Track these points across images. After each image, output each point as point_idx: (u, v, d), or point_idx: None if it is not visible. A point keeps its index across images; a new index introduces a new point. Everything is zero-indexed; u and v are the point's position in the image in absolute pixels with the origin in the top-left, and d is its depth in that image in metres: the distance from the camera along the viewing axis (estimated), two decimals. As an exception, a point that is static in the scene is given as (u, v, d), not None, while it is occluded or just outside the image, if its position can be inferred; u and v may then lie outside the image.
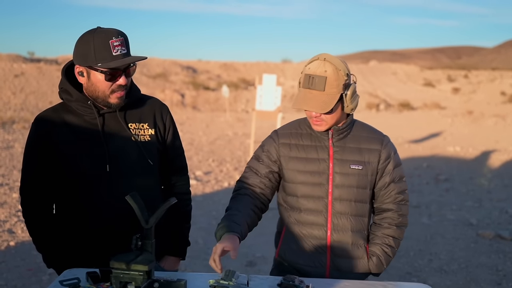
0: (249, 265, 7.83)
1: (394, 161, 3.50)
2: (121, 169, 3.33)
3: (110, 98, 3.25)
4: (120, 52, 3.19)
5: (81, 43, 3.21)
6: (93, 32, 3.20)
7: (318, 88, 3.23)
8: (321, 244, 3.41)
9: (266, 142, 3.56)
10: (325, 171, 3.38)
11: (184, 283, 2.78)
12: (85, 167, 3.28)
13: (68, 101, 3.33)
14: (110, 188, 3.23)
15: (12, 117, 27.49)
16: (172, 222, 3.65)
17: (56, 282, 2.88)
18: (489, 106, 44.47)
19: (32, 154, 3.36)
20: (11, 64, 40.18)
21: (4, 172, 13.96)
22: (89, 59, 3.17)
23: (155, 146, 3.48)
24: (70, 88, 3.31)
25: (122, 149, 3.34)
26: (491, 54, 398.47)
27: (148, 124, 3.47)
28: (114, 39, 3.16)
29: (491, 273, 7.92)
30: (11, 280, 7.15)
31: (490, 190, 13.89)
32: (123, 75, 3.24)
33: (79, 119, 3.32)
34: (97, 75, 3.20)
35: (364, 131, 3.51)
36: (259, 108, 15.51)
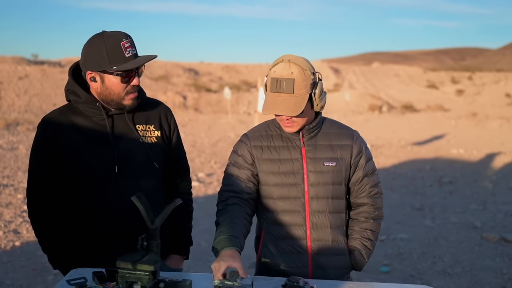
0: (252, 267, 7.83)
1: (365, 156, 3.50)
2: (129, 170, 3.35)
3: (125, 100, 3.28)
4: (132, 53, 3.22)
5: (91, 48, 3.23)
6: (102, 36, 3.22)
7: (287, 91, 3.22)
8: (301, 244, 3.40)
9: (238, 146, 3.52)
10: (299, 171, 3.36)
11: (190, 283, 2.80)
12: (93, 168, 3.30)
13: (76, 103, 3.34)
14: (118, 189, 3.24)
15: (17, 119, 27.57)
16: (175, 222, 3.65)
17: (63, 282, 2.90)
18: (494, 108, 44.40)
19: (39, 156, 3.37)
20: (15, 67, 40.31)
21: (9, 173, 14.01)
22: (102, 64, 3.18)
23: (161, 148, 3.51)
24: (79, 89, 3.31)
25: (130, 151, 3.37)
26: (495, 56, 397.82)
27: (154, 126, 3.50)
28: (124, 41, 3.19)
29: (496, 276, 7.91)
30: (17, 280, 7.18)
31: (495, 192, 13.86)
32: (136, 75, 3.28)
33: (87, 120, 3.34)
34: (111, 78, 3.22)
35: (334, 128, 3.51)
36: (261, 110, 15.51)
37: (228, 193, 3.42)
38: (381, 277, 7.59)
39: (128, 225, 3.35)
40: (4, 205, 10.92)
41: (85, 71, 3.28)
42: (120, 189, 3.25)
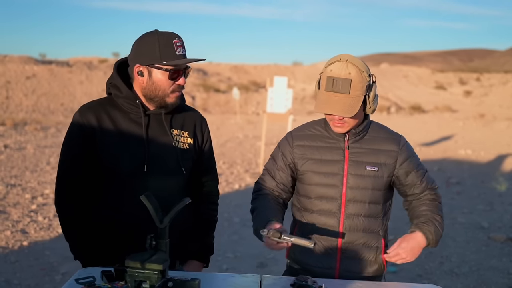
0: (260, 266, 7.85)
1: (415, 160, 3.50)
2: (157, 171, 3.38)
3: (169, 97, 3.33)
4: (182, 53, 3.29)
5: (144, 43, 3.30)
6: (155, 33, 3.29)
7: (343, 91, 3.20)
8: (332, 245, 3.41)
9: (282, 144, 3.57)
10: (339, 173, 3.36)
11: (198, 282, 2.80)
12: (123, 163, 3.34)
13: (116, 97, 3.40)
14: (145, 188, 3.24)
15: (24, 119, 27.59)
16: (199, 229, 3.72)
17: (72, 281, 2.91)
18: (501, 109, 44.28)
19: (73, 142, 3.40)
20: (22, 66, 40.32)
21: (17, 173, 14.04)
22: (153, 58, 3.24)
23: (191, 155, 3.54)
24: (121, 84, 3.37)
25: (161, 152, 3.40)
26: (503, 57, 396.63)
27: (188, 133, 3.54)
28: (176, 40, 3.27)
29: (502, 276, 7.91)
30: (25, 280, 7.19)
31: (502, 193, 13.85)
32: (183, 75, 3.34)
33: (124, 116, 3.38)
34: (159, 74, 3.27)
35: (381, 132, 3.51)
36: (270, 110, 15.51)
37: (261, 186, 3.56)
38: (388, 276, 7.55)
39: (150, 224, 3.38)
40: (12, 205, 10.94)
41: (134, 64, 3.33)
42: (146, 188, 3.26)
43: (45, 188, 12.52)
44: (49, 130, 23.86)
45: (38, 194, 11.98)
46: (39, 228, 9.43)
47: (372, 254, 3.47)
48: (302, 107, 42.21)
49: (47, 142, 20.20)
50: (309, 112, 39.31)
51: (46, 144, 19.62)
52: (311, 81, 55.70)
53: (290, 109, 15.52)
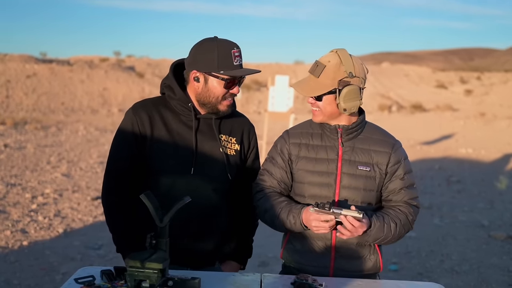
0: (261, 265, 7.86)
1: (404, 166, 3.45)
2: (204, 174, 3.42)
3: (221, 104, 3.38)
4: (239, 63, 3.34)
5: (203, 50, 3.35)
6: (215, 40, 3.34)
7: (314, 74, 3.30)
8: (326, 245, 3.39)
9: (278, 142, 3.56)
10: (333, 172, 3.35)
11: (198, 281, 2.80)
12: (171, 164, 3.39)
13: (169, 98, 3.46)
14: (190, 190, 3.25)
15: (24, 118, 27.61)
16: (240, 231, 3.77)
17: (71, 280, 2.91)
18: (502, 108, 44.22)
19: (125, 138, 3.46)
20: (23, 65, 40.32)
21: (17, 173, 14.03)
22: (211, 66, 3.29)
23: (237, 161, 3.58)
24: (176, 86, 3.42)
25: (209, 156, 3.45)
26: (504, 56, 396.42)
27: (236, 139, 3.58)
28: (235, 50, 3.32)
29: (503, 274, 7.92)
30: (25, 280, 7.19)
31: (502, 192, 13.86)
32: (237, 84, 3.37)
33: (175, 117, 3.44)
34: (215, 81, 3.32)
35: (376, 134, 3.49)
36: (271, 109, 15.51)
37: (262, 185, 3.52)
38: (389, 275, 7.58)
39: (190, 227, 3.44)
40: (12, 205, 10.94)
41: (191, 70, 3.38)
42: (191, 190, 3.27)
43: (45, 188, 12.51)
44: (49, 129, 23.85)
45: (38, 193, 11.97)
46: (39, 228, 9.43)
47: (366, 252, 3.45)
48: (303, 106, 42.14)
49: (47, 141, 20.20)
50: (310, 111, 39.21)
51: (47, 143, 19.62)
52: (312, 80, 55.59)
53: (291, 108, 15.53)
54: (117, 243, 3.52)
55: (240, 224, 3.74)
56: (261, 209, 3.45)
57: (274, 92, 15.52)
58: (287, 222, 3.30)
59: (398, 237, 3.38)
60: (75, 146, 19.32)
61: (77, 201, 11.47)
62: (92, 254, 8.28)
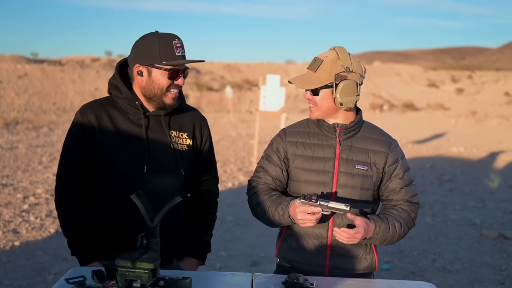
0: (253, 265, 7.85)
1: (403, 166, 3.46)
2: (156, 172, 3.41)
3: (166, 97, 3.36)
4: (181, 54, 3.34)
5: (144, 43, 3.34)
6: (156, 34, 3.35)
7: (312, 69, 3.31)
8: (321, 243, 3.40)
9: (275, 140, 3.56)
10: (330, 170, 3.36)
11: (189, 281, 2.80)
12: (123, 164, 3.37)
13: (116, 97, 3.44)
14: (144, 189, 3.25)
15: (16, 118, 27.53)
16: (198, 227, 3.75)
17: (62, 281, 2.90)
18: (493, 106, 44.42)
19: (74, 141, 3.43)
20: (14, 65, 40.25)
21: (8, 173, 14.00)
22: (153, 58, 3.29)
23: (190, 156, 3.57)
24: (121, 85, 3.41)
25: (160, 154, 3.44)
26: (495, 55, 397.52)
27: (187, 134, 3.57)
28: (176, 41, 3.32)
29: (495, 273, 7.93)
30: (16, 280, 7.17)
31: (494, 190, 13.89)
32: (182, 76, 3.37)
33: (123, 116, 3.42)
34: (158, 73, 3.31)
35: (373, 133, 3.50)
36: (263, 108, 15.51)
37: (257, 182, 3.53)
38: (381, 274, 7.59)
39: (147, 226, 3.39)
40: (4, 205, 10.90)
41: (134, 64, 3.37)
42: (147, 189, 3.27)
43: (37, 188, 12.48)
44: (41, 130, 23.82)
45: (30, 194, 11.94)
46: (31, 228, 9.40)
47: (362, 251, 3.45)
48: (295, 105, 42.23)
49: (39, 141, 20.15)
50: (302, 110, 39.32)
51: (38, 143, 19.58)
52: (304, 79, 55.64)
53: (283, 107, 15.52)
54: (71, 246, 3.48)
55: (197, 219, 3.74)
56: (253, 203, 3.46)
57: (265, 91, 15.52)
58: (276, 215, 3.31)
59: (403, 236, 3.41)
60: (66, 146, 19.20)
61: (69, 201, 11.40)
62: (84, 255, 8.24)
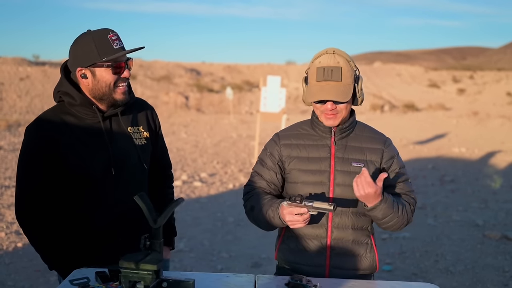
0: (254, 266, 7.84)
1: (398, 162, 3.48)
2: (125, 172, 3.39)
3: (116, 93, 3.31)
4: (120, 46, 3.28)
5: (80, 45, 3.28)
6: (88, 33, 3.28)
7: (335, 79, 3.24)
8: (321, 243, 3.40)
9: (269, 145, 3.56)
10: (327, 169, 3.36)
11: (193, 282, 2.80)
12: (90, 170, 3.31)
13: (69, 105, 3.35)
14: (115, 191, 3.25)
15: (18, 120, 27.53)
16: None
17: (66, 282, 2.91)
18: (495, 107, 44.34)
19: (34, 158, 3.31)
20: (16, 68, 40.22)
21: (11, 175, 14.01)
22: (92, 57, 3.22)
23: (149, 149, 3.58)
24: (72, 90, 3.33)
25: (124, 153, 3.41)
26: (496, 55, 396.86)
27: (143, 127, 3.56)
28: (111, 34, 3.26)
29: (498, 274, 7.92)
30: (19, 281, 7.18)
31: (496, 191, 13.87)
32: (126, 68, 3.32)
33: (80, 122, 3.34)
34: (102, 71, 3.25)
35: (366, 131, 3.53)
36: (263, 109, 15.53)
37: (252, 187, 3.53)
38: (383, 275, 7.59)
39: (125, 226, 3.41)
40: (6, 206, 10.92)
41: (75, 69, 3.30)
42: (118, 191, 3.28)
43: (39, 190, 12.44)
44: (42, 132, 23.78)
45: (32, 195, 11.91)
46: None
47: (362, 250, 3.45)
48: (295, 106, 42.16)
49: (40, 143, 20.10)
50: (302, 111, 39.30)
51: (40, 145, 19.53)
52: (305, 80, 55.55)
53: (283, 109, 15.54)
54: (47, 261, 3.41)
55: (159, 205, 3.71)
56: (248, 208, 3.47)
57: (266, 92, 15.54)
58: (267, 217, 3.32)
59: (400, 223, 3.36)
60: (68, 148, 19.22)
61: (71, 203, 11.41)
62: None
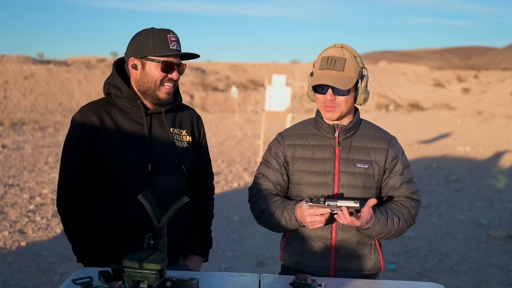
0: (259, 265, 7.83)
1: (402, 162, 3.43)
2: (161, 170, 3.41)
3: (160, 91, 3.35)
4: (176, 48, 3.32)
5: (139, 38, 3.36)
6: (151, 29, 3.35)
7: (338, 68, 3.23)
8: (326, 245, 3.36)
9: (273, 144, 3.53)
10: (331, 171, 3.32)
11: (197, 282, 2.78)
12: (127, 163, 3.35)
13: (116, 97, 3.41)
14: (148, 187, 3.24)
15: (22, 119, 27.57)
16: (198, 224, 3.79)
17: (69, 281, 2.89)
18: (499, 106, 44.29)
19: (75, 144, 3.39)
20: (20, 66, 40.31)
21: (15, 173, 14.02)
22: (146, 50, 3.29)
23: (189, 153, 3.58)
24: (121, 84, 3.39)
25: (163, 152, 3.43)
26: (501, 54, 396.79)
27: (186, 131, 3.58)
28: (171, 35, 3.32)
29: (502, 274, 7.90)
30: (22, 280, 7.16)
31: (501, 190, 13.84)
32: (176, 70, 3.35)
33: (124, 116, 3.40)
34: (152, 65, 3.31)
35: (371, 130, 3.48)
36: (268, 108, 15.52)
37: (257, 189, 3.50)
38: (388, 274, 7.57)
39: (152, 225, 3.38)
40: (10, 205, 10.92)
41: (128, 58, 3.37)
42: (152, 187, 3.27)
43: (43, 188, 12.49)
44: (47, 130, 23.84)
45: (36, 194, 11.95)
46: (37, 228, 9.39)
47: (367, 251, 3.42)
48: (300, 105, 42.16)
49: (45, 142, 20.18)
50: (307, 110, 39.28)
51: (44, 144, 19.60)
52: (310, 79, 55.53)
53: (288, 107, 15.53)
54: (77, 252, 3.46)
55: (197, 216, 3.77)
56: (257, 211, 3.43)
57: (271, 91, 15.54)
58: (282, 220, 3.28)
59: (401, 232, 3.34)
60: (72, 146, 19.22)
61: (75, 202, 11.41)
62: (90, 255, 8.23)
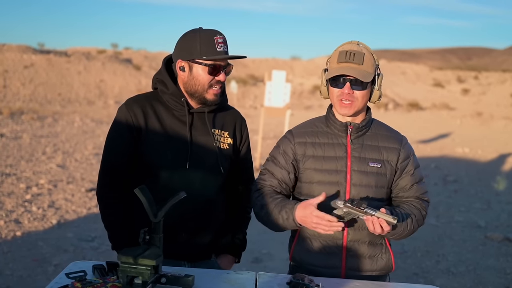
0: (255, 262, 7.80)
1: (414, 162, 3.42)
2: (199, 169, 3.42)
3: (208, 93, 3.38)
4: (223, 49, 3.33)
5: (186, 39, 3.37)
6: (198, 30, 3.37)
7: (357, 62, 3.21)
8: (337, 244, 3.33)
9: (282, 142, 3.48)
10: (343, 169, 3.28)
11: (192, 278, 2.75)
12: (166, 159, 3.39)
13: (162, 92, 3.46)
14: (186, 185, 3.24)
15: (21, 108, 27.55)
16: (234, 225, 3.79)
17: (62, 275, 2.85)
18: (499, 108, 44.31)
19: (118, 135, 3.45)
20: (20, 55, 40.25)
21: (12, 163, 13.99)
22: (194, 53, 3.30)
23: (230, 155, 3.59)
24: (168, 80, 3.43)
25: (203, 151, 3.45)
26: (501, 56, 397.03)
27: (228, 133, 3.60)
28: (218, 36, 3.32)
29: (500, 276, 7.88)
30: (17, 270, 7.14)
31: (499, 192, 13.83)
32: (223, 71, 3.37)
33: (168, 112, 3.45)
34: (199, 68, 3.32)
35: (383, 130, 3.45)
36: (268, 104, 15.49)
37: (262, 184, 3.46)
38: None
39: (187, 221, 3.44)
40: (6, 194, 10.89)
41: (176, 60, 3.39)
42: (189, 185, 3.28)
43: (40, 178, 12.46)
44: (45, 120, 23.80)
45: (32, 184, 11.93)
46: (33, 219, 9.38)
47: (378, 251, 3.39)
48: (299, 101, 42.17)
49: (43, 131, 20.15)
50: (306, 106, 39.29)
51: (42, 134, 19.58)
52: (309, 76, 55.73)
53: (288, 104, 15.50)
54: (113, 240, 3.50)
55: (234, 217, 3.76)
56: (257, 206, 3.38)
57: (270, 87, 15.51)
58: (279, 218, 3.24)
59: (411, 232, 3.34)
60: (70, 137, 19.28)
61: (72, 193, 11.43)
62: (85, 246, 8.24)
